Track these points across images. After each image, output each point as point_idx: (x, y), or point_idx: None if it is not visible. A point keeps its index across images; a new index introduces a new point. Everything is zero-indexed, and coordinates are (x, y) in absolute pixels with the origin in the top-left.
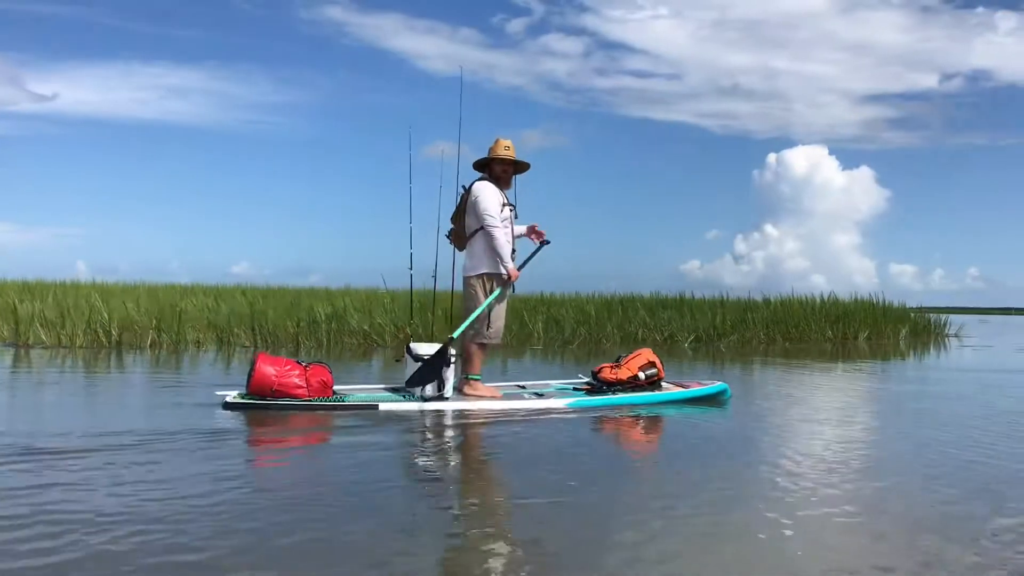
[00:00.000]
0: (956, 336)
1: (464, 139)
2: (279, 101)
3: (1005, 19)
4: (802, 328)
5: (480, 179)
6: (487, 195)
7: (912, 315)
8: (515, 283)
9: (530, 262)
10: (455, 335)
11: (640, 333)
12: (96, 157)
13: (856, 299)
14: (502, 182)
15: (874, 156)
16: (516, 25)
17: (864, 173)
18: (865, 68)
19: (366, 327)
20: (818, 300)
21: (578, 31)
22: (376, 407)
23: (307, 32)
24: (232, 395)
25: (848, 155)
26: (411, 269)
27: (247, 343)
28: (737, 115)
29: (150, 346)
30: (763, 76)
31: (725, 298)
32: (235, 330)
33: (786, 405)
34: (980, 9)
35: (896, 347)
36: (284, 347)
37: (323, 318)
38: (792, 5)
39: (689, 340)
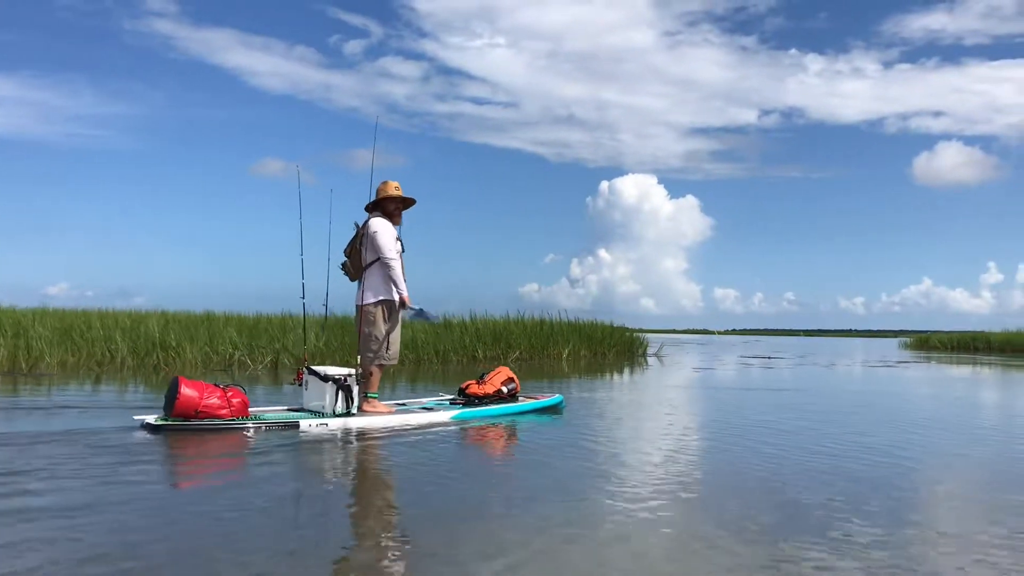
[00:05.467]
0: (657, 356)
1: (297, 156)
2: (103, 113)
3: (814, 61)
4: (442, 349)
5: (375, 216)
6: (385, 232)
7: (617, 334)
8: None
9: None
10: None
11: (280, 358)
12: None
13: (515, 318)
14: (395, 218)
15: (699, 186)
16: (354, 46)
17: (690, 202)
18: (689, 102)
19: None
20: (478, 321)
21: (417, 56)
22: (297, 425)
23: (133, 44)
24: (151, 418)
25: (675, 184)
26: (303, 298)
27: None
28: (571, 144)
29: None
30: (595, 107)
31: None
32: None
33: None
34: (793, 51)
35: (559, 366)
36: None
37: None
38: (620, 40)
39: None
